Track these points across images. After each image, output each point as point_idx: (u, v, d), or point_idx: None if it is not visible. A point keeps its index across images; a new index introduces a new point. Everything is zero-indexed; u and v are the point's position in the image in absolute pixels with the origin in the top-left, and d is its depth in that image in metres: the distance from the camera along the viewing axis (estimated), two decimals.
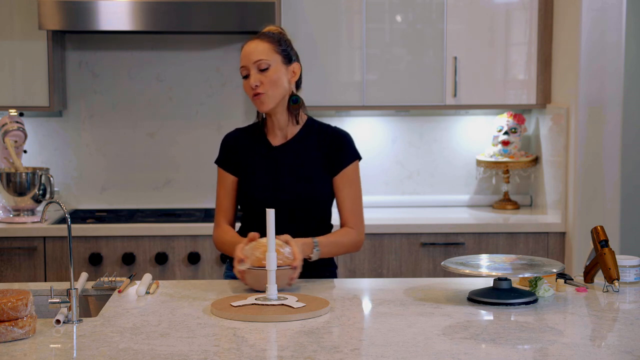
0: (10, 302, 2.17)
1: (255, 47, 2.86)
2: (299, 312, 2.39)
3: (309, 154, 2.93)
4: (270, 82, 2.85)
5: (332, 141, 2.95)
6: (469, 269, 2.56)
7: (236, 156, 2.97)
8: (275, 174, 2.91)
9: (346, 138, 2.97)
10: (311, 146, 2.94)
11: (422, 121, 4.76)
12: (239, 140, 3.00)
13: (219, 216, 2.98)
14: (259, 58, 2.84)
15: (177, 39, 4.65)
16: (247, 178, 2.94)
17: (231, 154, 2.98)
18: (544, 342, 2.18)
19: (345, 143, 2.95)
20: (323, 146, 2.94)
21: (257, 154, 2.95)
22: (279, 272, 2.55)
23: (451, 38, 4.42)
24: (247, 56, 2.86)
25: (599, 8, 4.09)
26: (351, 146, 2.96)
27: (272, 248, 2.51)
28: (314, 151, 2.93)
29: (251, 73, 2.85)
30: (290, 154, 2.93)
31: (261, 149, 2.96)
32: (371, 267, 4.21)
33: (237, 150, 2.98)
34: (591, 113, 4.13)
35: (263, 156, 2.94)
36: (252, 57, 2.85)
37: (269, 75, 2.85)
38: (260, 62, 2.84)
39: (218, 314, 2.41)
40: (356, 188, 2.94)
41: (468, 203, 4.76)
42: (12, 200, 4.26)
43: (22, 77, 4.36)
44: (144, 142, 4.69)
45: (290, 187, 2.89)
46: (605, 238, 2.73)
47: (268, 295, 2.51)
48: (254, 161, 2.94)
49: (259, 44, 2.87)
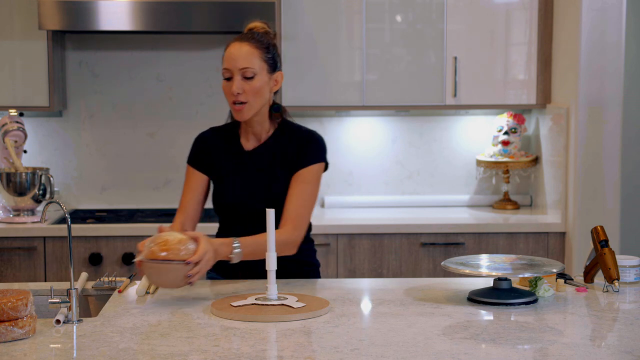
0: (10, 302, 2.17)
1: (243, 53, 2.77)
2: (299, 312, 2.39)
3: (281, 157, 2.86)
4: (254, 91, 2.77)
5: (301, 142, 2.85)
6: (469, 269, 2.56)
7: (209, 157, 2.91)
8: (248, 178, 2.86)
9: (316, 140, 2.87)
10: (284, 149, 2.87)
11: (422, 121, 4.76)
12: (212, 141, 2.94)
13: (177, 215, 2.89)
14: (246, 66, 2.76)
15: (177, 39, 4.65)
16: (219, 182, 2.90)
17: (204, 155, 2.92)
18: (544, 342, 2.18)
19: (313, 145, 2.85)
20: (293, 149, 2.85)
21: (230, 158, 2.90)
22: (171, 266, 2.47)
23: (451, 38, 4.42)
24: (234, 60, 2.77)
25: (599, 8, 4.09)
26: (319, 149, 2.86)
27: (272, 248, 2.50)
28: (285, 154, 2.86)
29: (235, 78, 2.77)
30: (262, 158, 2.87)
31: (234, 152, 2.90)
32: (371, 267, 4.21)
33: (209, 151, 2.92)
34: (591, 113, 4.13)
35: (235, 160, 2.89)
36: (238, 63, 2.76)
37: (253, 85, 2.77)
38: (246, 70, 2.76)
39: (218, 314, 2.41)
40: (309, 190, 2.82)
41: (468, 203, 4.76)
42: (12, 200, 4.26)
43: (22, 77, 4.36)
44: (144, 142, 4.69)
45: (262, 191, 2.85)
46: (605, 238, 2.73)
47: (268, 295, 2.50)
48: (227, 164, 2.89)
49: (248, 49, 2.78)
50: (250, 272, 2.83)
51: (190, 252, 2.50)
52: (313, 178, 2.82)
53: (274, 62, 2.83)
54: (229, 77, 2.79)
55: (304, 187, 2.80)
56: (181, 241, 2.50)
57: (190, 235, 2.56)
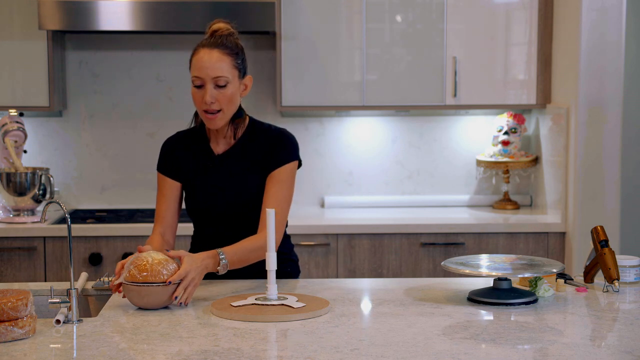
0: (10, 302, 2.17)
1: (215, 61, 2.71)
2: (299, 312, 2.39)
3: (252, 158, 2.83)
4: (227, 99, 2.74)
5: (273, 141, 2.83)
6: (469, 269, 2.56)
7: (177, 162, 2.88)
8: (219, 182, 2.83)
9: (288, 139, 2.84)
10: (254, 150, 2.84)
11: (422, 121, 4.76)
12: (180, 146, 2.90)
13: (155, 224, 2.87)
14: (219, 75, 2.72)
15: (177, 39, 4.65)
16: (190, 188, 2.88)
17: (172, 160, 2.89)
18: (544, 342, 2.18)
19: (285, 143, 2.82)
20: (265, 148, 2.83)
21: (200, 162, 2.86)
22: (151, 288, 2.45)
23: (451, 38, 4.42)
24: (206, 69, 2.71)
25: (599, 8, 4.09)
26: (291, 147, 2.83)
27: (271, 247, 2.50)
28: (256, 155, 2.83)
29: (207, 87, 2.72)
30: (233, 161, 2.84)
31: (203, 157, 2.87)
32: (371, 267, 4.21)
33: (178, 156, 2.89)
34: (591, 113, 4.13)
35: (205, 165, 2.86)
36: (211, 72, 2.71)
37: (226, 93, 2.73)
38: (219, 79, 2.72)
39: (218, 314, 2.41)
40: (285, 190, 2.79)
41: (468, 203, 4.76)
42: (12, 200, 4.26)
43: (22, 77, 4.36)
44: (144, 142, 4.69)
45: (234, 194, 2.82)
46: (605, 238, 2.73)
47: (268, 295, 2.50)
48: (197, 170, 2.86)
49: (220, 57, 2.72)
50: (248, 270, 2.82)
51: (171, 273, 2.48)
52: (288, 177, 2.79)
53: (244, 67, 2.79)
54: (200, 84, 2.74)
55: (279, 188, 2.77)
56: (161, 262, 2.49)
57: (173, 255, 2.54)
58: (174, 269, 2.49)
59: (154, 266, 2.46)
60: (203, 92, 2.73)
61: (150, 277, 2.45)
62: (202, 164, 2.86)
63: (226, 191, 2.83)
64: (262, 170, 2.81)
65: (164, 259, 2.50)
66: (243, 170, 2.83)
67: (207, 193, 2.85)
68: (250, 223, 2.82)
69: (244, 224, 2.83)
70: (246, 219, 2.83)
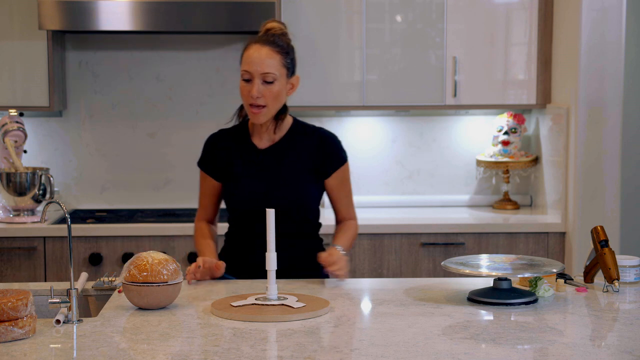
0: (10, 302, 2.17)
1: (265, 57, 2.81)
2: (299, 312, 2.39)
3: (296, 157, 2.91)
4: (273, 96, 2.83)
5: (322, 144, 2.95)
6: (469, 269, 2.56)
7: (220, 160, 2.94)
8: (263, 179, 2.88)
9: (336, 140, 3.00)
10: (298, 149, 2.92)
11: (422, 121, 4.76)
12: (223, 142, 2.97)
13: (200, 212, 3.05)
14: (267, 71, 2.81)
15: (177, 39, 4.65)
16: (233, 183, 2.92)
17: (215, 157, 2.95)
18: (544, 342, 2.18)
19: (339, 144, 3.00)
20: (311, 149, 2.93)
21: (243, 158, 2.92)
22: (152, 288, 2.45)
23: (451, 38, 4.42)
24: (256, 65, 2.81)
25: (599, 8, 4.09)
26: (341, 148, 3.01)
27: (272, 248, 2.50)
28: (302, 154, 2.92)
29: (255, 82, 2.81)
30: (277, 158, 2.91)
31: (247, 152, 2.93)
32: (371, 267, 4.21)
33: (221, 153, 2.95)
34: (591, 113, 4.13)
35: (249, 160, 2.92)
36: (261, 68, 2.80)
37: (273, 90, 2.83)
38: (267, 75, 2.81)
39: (218, 314, 2.41)
40: (349, 186, 3.04)
41: (468, 203, 4.76)
42: (12, 200, 4.26)
43: (22, 77, 4.36)
44: (144, 142, 4.69)
45: (279, 192, 2.87)
46: (605, 238, 2.73)
47: (268, 295, 2.51)
48: (240, 166, 2.92)
49: (270, 54, 2.82)
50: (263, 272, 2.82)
51: (171, 273, 2.49)
52: (348, 175, 3.03)
53: (293, 66, 2.89)
54: (248, 79, 2.83)
55: (346, 186, 3.02)
56: (161, 262, 2.49)
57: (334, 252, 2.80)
58: (174, 269, 2.50)
59: (154, 266, 2.47)
60: (251, 86, 2.82)
61: (150, 277, 2.45)
62: (246, 158, 2.92)
63: (269, 187, 2.89)
64: (315, 169, 2.93)
65: (164, 259, 2.50)
66: (285, 166, 2.90)
67: (250, 189, 2.89)
68: (289, 218, 2.87)
69: (284, 219, 2.83)
70: (287, 213, 2.86)
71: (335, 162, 2.97)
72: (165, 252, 4.13)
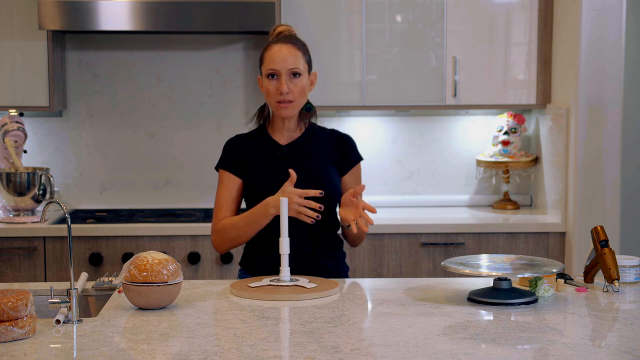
0: (10, 302, 2.17)
1: (288, 55, 2.89)
2: (312, 292, 2.59)
3: (317, 151, 2.98)
4: (300, 90, 2.91)
5: (340, 142, 3.04)
6: (469, 269, 2.56)
7: (242, 158, 2.97)
8: (286, 174, 2.88)
9: (352, 139, 3.10)
10: (318, 145, 3.00)
11: (422, 121, 4.76)
12: (244, 142, 3.01)
13: (219, 213, 2.94)
14: (295, 65, 2.89)
15: (177, 39, 4.65)
16: (255, 180, 2.94)
17: (237, 157, 2.97)
18: (544, 342, 2.18)
19: (352, 145, 3.08)
20: (330, 145, 3.01)
21: (265, 155, 2.97)
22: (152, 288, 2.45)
23: (451, 38, 4.42)
24: (281, 61, 2.88)
25: (599, 8, 4.09)
26: (356, 147, 3.10)
27: (285, 233, 2.65)
28: (322, 149, 2.99)
29: (283, 79, 2.88)
30: (299, 153, 2.97)
31: (268, 149, 2.98)
32: (371, 267, 4.21)
33: (243, 152, 2.98)
34: (591, 113, 4.13)
35: (271, 156, 2.96)
36: (287, 63, 2.88)
37: (299, 84, 2.91)
38: (294, 69, 2.89)
39: (237, 294, 2.59)
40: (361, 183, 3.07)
41: (468, 203, 4.76)
42: (12, 200, 4.26)
43: (22, 77, 4.36)
44: (144, 142, 4.69)
45: (304, 183, 2.88)
46: (605, 238, 2.73)
47: (282, 277, 2.69)
48: (263, 162, 2.95)
49: (292, 51, 2.90)
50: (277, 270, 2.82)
51: (171, 273, 2.48)
52: (361, 173, 3.09)
53: (310, 63, 2.98)
54: (274, 75, 2.90)
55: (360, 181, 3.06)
56: (161, 262, 2.49)
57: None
58: (174, 269, 2.50)
59: (154, 266, 2.47)
60: (278, 83, 2.89)
61: (150, 277, 2.45)
62: (269, 153, 2.97)
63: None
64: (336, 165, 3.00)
65: (164, 259, 2.50)
66: (307, 162, 2.95)
67: (273, 185, 2.89)
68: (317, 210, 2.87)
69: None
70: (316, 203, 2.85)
71: (353, 160, 3.05)
72: (165, 252, 4.13)
